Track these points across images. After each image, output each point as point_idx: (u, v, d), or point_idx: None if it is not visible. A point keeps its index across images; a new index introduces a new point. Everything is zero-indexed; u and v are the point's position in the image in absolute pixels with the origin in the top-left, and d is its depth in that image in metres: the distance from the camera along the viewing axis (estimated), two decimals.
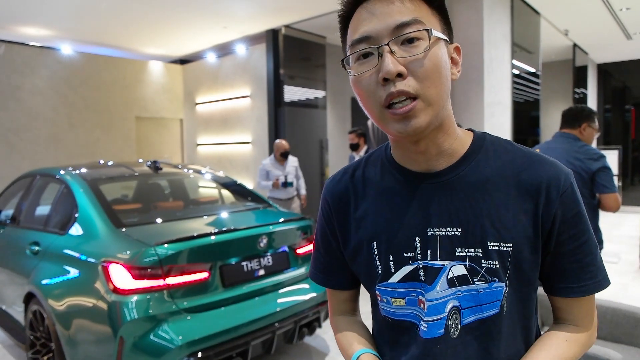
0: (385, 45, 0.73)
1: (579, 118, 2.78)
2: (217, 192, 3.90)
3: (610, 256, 5.68)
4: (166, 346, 2.31)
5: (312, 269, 1.02)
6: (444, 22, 0.80)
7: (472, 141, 0.85)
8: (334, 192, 0.94)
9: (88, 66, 7.85)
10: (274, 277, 2.88)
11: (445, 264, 0.80)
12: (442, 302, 0.80)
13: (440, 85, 0.74)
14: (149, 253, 2.39)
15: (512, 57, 5.84)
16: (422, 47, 0.73)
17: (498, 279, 0.79)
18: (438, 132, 0.80)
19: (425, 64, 0.72)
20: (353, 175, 0.92)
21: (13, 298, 3.15)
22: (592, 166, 2.62)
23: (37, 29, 6.76)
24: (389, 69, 0.71)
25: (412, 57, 0.72)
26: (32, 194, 3.53)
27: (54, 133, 7.47)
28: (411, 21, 0.73)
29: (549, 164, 0.81)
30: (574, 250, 0.80)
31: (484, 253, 0.79)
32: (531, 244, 0.79)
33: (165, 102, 8.93)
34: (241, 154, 7.91)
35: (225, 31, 7.05)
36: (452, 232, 0.80)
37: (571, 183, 0.80)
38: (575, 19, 7.13)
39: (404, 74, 0.72)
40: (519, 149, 0.84)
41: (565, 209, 0.79)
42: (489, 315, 0.80)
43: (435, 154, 0.82)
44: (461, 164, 0.82)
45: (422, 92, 0.73)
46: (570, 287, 0.81)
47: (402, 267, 0.83)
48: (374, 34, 0.74)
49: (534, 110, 7.02)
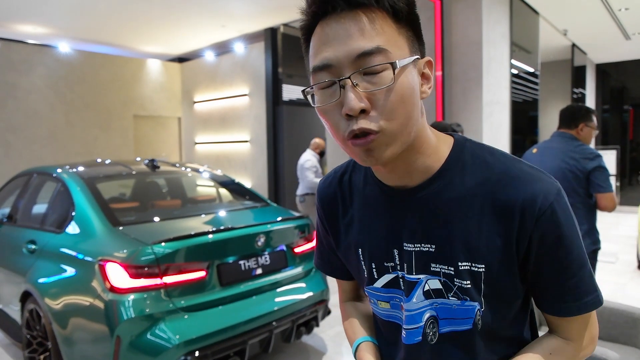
0: (347, 79, 0.68)
1: (577, 118, 2.78)
2: (215, 190, 3.89)
3: (607, 256, 5.69)
4: (163, 345, 2.30)
5: (316, 257, 1.06)
6: (415, 36, 0.74)
7: (449, 154, 0.80)
8: (324, 195, 0.95)
9: (86, 64, 7.83)
10: (271, 276, 2.88)
11: (421, 277, 0.80)
12: (419, 312, 0.81)
13: (405, 116, 0.70)
14: (146, 252, 2.38)
15: (510, 57, 5.84)
16: (387, 79, 0.68)
17: (470, 298, 0.77)
18: (408, 153, 0.76)
19: (390, 98, 0.68)
20: (341, 181, 0.93)
21: (9, 297, 3.14)
22: (588, 165, 2.62)
23: (34, 26, 6.73)
24: (351, 106, 0.67)
25: (377, 91, 0.68)
26: (29, 192, 3.52)
27: (52, 131, 7.45)
28: (374, 50, 0.67)
29: (527, 183, 0.74)
30: (554, 273, 0.76)
31: (455, 272, 0.77)
32: (506, 265, 0.76)
33: (164, 100, 8.91)
34: (239, 152, 7.90)
35: (223, 30, 7.04)
36: (427, 249, 0.79)
37: (551, 204, 0.73)
38: (574, 19, 7.14)
39: (367, 109, 0.68)
40: (500, 162, 0.78)
41: (544, 233, 0.74)
42: (463, 329, 0.80)
43: (407, 172, 0.79)
44: (436, 180, 0.79)
45: (385, 127, 0.69)
46: (552, 306, 0.79)
47: (383, 275, 0.85)
48: (334, 63, 0.69)
49: (533, 110, 7.02)
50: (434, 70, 0.78)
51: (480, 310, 0.78)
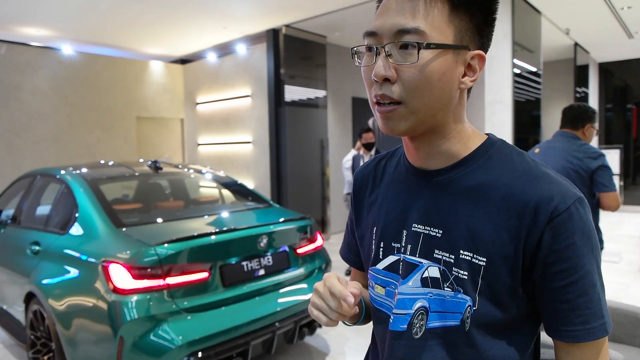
0: (382, 47, 0.74)
1: (583, 119, 2.78)
2: (218, 191, 3.90)
3: (611, 256, 5.67)
4: (166, 346, 2.31)
5: (342, 245, 1.11)
6: (475, 28, 0.76)
7: (479, 145, 0.81)
8: (359, 175, 1.01)
9: (89, 66, 7.85)
10: (274, 277, 2.88)
11: (423, 262, 0.80)
12: (411, 298, 0.80)
13: (430, 96, 0.74)
14: (149, 253, 2.39)
15: (512, 56, 5.83)
16: (413, 57, 0.72)
17: (463, 291, 0.75)
18: (432, 135, 0.79)
19: (414, 74, 0.72)
20: (378, 163, 0.98)
21: (14, 298, 3.15)
22: (591, 165, 2.62)
23: (37, 29, 6.76)
24: (376, 72, 0.74)
25: (404, 65, 0.73)
26: (32, 194, 3.53)
27: (55, 133, 7.48)
28: (412, 30, 0.72)
29: (547, 183, 0.73)
30: (563, 288, 0.71)
31: (455, 260, 0.76)
32: (509, 264, 0.73)
33: (166, 102, 8.93)
34: (242, 153, 7.91)
35: (225, 31, 7.05)
36: (434, 233, 0.80)
37: (568, 207, 0.70)
38: (577, 17, 7.12)
39: (392, 79, 0.73)
40: (525, 162, 0.78)
41: (556, 237, 0.70)
42: (450, 325, 0.77)
43: (429, 154, 0.81)
44: (458, 167, 0.80)
45: (407, 100, 0.74)
46: (559, 329, 0.73)
47: (388, 255, 0.86)
48: (379, 32, 0.75)
49: (535, 110, 7.00)
50: (483, 64, 0.79)
51: (471, 307, 0.75)
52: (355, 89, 8.40)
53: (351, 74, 8.25)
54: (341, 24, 6.75)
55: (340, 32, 7.23)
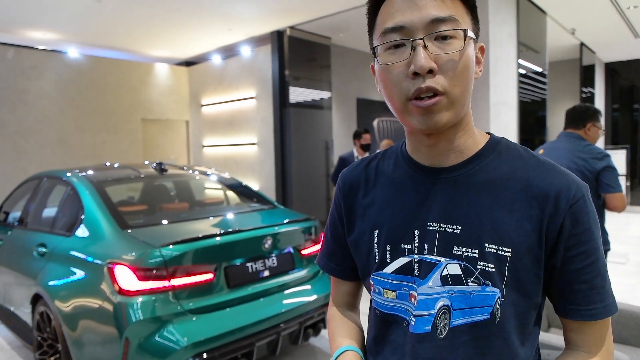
0: (420, 40, 0.73)
1: (584, 118, 2.76)
2: (223, 193, 3.91)
3: (617, 257, 5.63)
4: (171, 347, 2.32)
5: (319, 255, 1.06)
6: (474, 20, 0.80)
7: (487, 142, 0.84)
8: (346, 178, 0.97)
9: (94, 69, 7.90)
10: (278, 278, 2.89)
11: (441, 260, 0.79)
12: (433, 298, 0.79)
13: (467, 85, 0.75)
14: (154, 254, 2.40)
15: (518, 57, 5.81)
16: (457, 46, 0.73)
17: (492, 283, 0.76)
18: (454, 128, 0.80)
19: (457, 63, 0.73)
20: (368, 165, 0.95)
21: (21, 299, 3.17)
22: (597, 165, 2.60)
23: (44, 32, 6.81)
24: (422, 64, 0.71)
25: (445, 55, 0.73)
26: (39, 196, 3.56)
27: (61, 135, 7.53)
28: (447, 18, 0.73)
29: (562, 174, 0.78)
30: (582, 269, 0.76)
31: (480, 254, 0.76)
32: (533, 253, 0.76)
33: (171, 104, 8.97)
34: (247, 155, 7.92)
35: (230, 33, 7.07)
36: (452, 230, 0.79)
37: (583, 195, 0.76)
38: (582, 17, 7.08)
39: (435, 71, 0.73)
40: (533, 155, 0.82)
41: (575, 222, 0.75)
42: (479, 320, 0.77)
43: (446, 149, 0.81)
44: (471, 162, 0.81)
45: (449, 90, 0.73)
46: (578, 310, 0.77)
47: (397, 258, 0.84)
48: (408, 25, 0.73)
49: (541, 110, 6.97)
50: (484, 57, 0.83)
51: (500, 299, 0.76)
52: (360, 90, 8.40)
53: (356, 75, 8.25)
54: (345, 25, 6.75)
55: (345, 34, 7.23)
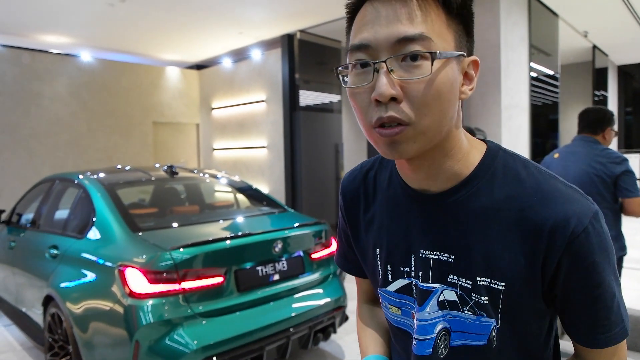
0: (383, 62, 0.64)
1: (602, 122, 2.73)
2: (233, 196, 3.91)
3: (633, 262, 5.54)
4: (181, 350, 2.32)
5: (336, 253, 1.05)
6: (465, 31, 0.70)
7: (480, 161, 0.75)
8: (347, 190, 0.93)
9: (107, 72, 7.98)
10: (288, 282, 2.88)
11: (436, 286, 0.77)
12: (431, 323, 0.78)
13: (439, 113, 0.66)
14: (165, 257, 2.40)
15: (529, 60, 5.76)
16: (425, 69, 0.64)
17: (486, 315, 0.73)
18: (436, 154, 0.72)
19: (425, 90, 0.64)
20: (366, 176, 0.90)
21: (32, 301, 3.19)
22: (615, 170, 2.57)
23: (57, 36, 6.89)
24: (382, 92, 0.64)
25: (411, 80, 0.64)
26: (51, 198, 3.59)
27: (74, 138, 7.60)
28: (416, 37, 0.63)
29: (561, 203, 0.69)
30: (584, 303, 0.71)
31: (473, 286, 0.73)
32: (529, 287, 0.71)
33: (182, 107, 9.02)
34: (257, 158, 7.94)
35: (240, 37, 7.10)
36: (446, 258, 0.76)
37: (586, 228, 0.67)
38: (595, 20, 7.01)
39: (399, 98, 0.64)
40: (533, 177, 0.73)
41: (575, 259, 0.68)
42: (476, 345, 0.76)
43: (432, 174, 0.75)
44: (462, 188, 0.74)
45: (416, 121, 0.65)
46: (580, 337, 0.74)
47: (398, 279, 0.83)
48: (373, 44, 0.65)
49: (553, 114, 6.90)
50: (478, 71, 0.73)
51: (496, 327, 0.73)
52: None
53: None
54: None
55: None
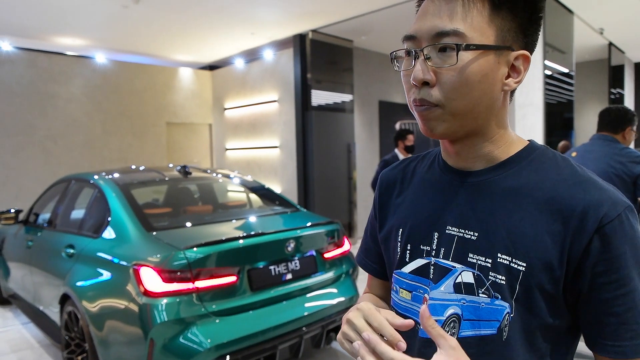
0: (420, 51, 0.73)
1: (623, 121, 2.69)
2: (246, 196, 3.93)
3: None
4: (195, 349, 2.34)
5: (359, 252, 1.07)
6: (518, 27, 0.73)
7: (522, 149, 0.78)
8: (385, 177, 0.98)
9: (121, 74, 8.07)
10: (301, 281, 2.88)
11: (456, 266, 0.77)
12: (443, 304, 0.77)
13: (470, 98, 0.72)
14: (179, 256, 2.42)
15: (544, 58, 5.70)
16: (453, 59, 0.71)
17: (501, 297, 0.71)
18: (475, 138, 0.78)
19: (453, 76, 0.71)
20: (407, 165, 0.95)
21: (50, 299, 3.25)
22: (636, 169, 2.53)
23: (73, 38, 6.99)
24: (415, 76, 0.73)
25: (442, 68, 0.72)
26: (67, 198, 3.64)
27: (89, 139, 7.71)
28: (450, 32, 0.70)
29: (598, 189, 0.69)
30: (612, 300, 0.67)
31: (492, 264, 0.73)
32: (551, 271, 0.69)
33: (195, 107, 9.09)
34: (269, 158, 7.97)
35: (253, 37, 7.13)
36: (469, 236, 0.76)
37: (619, 215, 0.66)
38: (611, 17, 6.90)
39: (432, 82, 0.72)
40: (571, 166, 0.75)
41: (606, 245, 0.66)
42: (486, 334, 0.73)
43: (471, 156, 0.79)
44: (499, 168, 0.77)
45: (446, 103, 0.72)
46: (604, 344, 0.68)
47: (416, 258, 0.83)
48: (417, 35, 0.74)
49: (568, 112, 6.81)
50: (529, 66, 0.76)
51: (509, 315, 0.71)
52: (382, 93, 8.36)
53: (378, 78, 8.22)
54: (367, 28, 6.73)
55: (367, 36, 7.21)
